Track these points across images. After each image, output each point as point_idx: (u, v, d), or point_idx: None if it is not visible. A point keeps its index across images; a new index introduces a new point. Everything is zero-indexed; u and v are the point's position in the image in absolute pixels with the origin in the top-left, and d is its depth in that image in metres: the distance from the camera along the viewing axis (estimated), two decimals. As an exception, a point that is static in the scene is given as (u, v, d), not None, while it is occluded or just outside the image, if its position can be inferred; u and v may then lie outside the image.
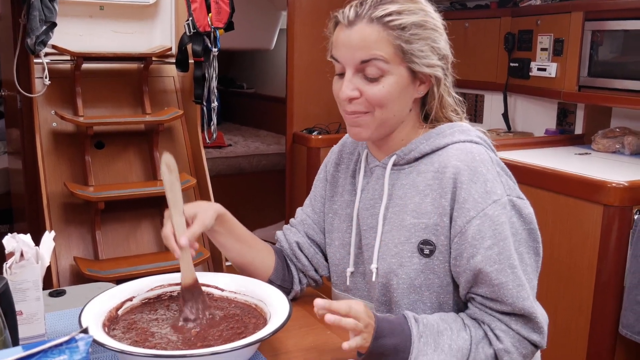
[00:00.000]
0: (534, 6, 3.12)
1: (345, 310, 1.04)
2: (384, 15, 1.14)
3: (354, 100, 1.18)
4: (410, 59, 1.16)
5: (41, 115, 2.99)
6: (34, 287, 1.10)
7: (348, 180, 1.36)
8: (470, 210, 1.12)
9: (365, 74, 1.16)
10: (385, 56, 1.15)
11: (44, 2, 2.68)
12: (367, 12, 1.15)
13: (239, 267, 1.38)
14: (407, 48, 1.15)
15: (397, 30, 1.14)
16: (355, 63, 1.16)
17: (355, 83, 1.17)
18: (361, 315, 1.05)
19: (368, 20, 1.15)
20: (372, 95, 1.16)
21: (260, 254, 1.37)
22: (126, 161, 3.16)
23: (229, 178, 4.57)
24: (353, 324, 1.04)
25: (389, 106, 1.17)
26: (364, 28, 1.15)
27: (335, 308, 1.04)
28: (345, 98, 1.18)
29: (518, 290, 1.11)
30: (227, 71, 6.14)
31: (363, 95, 1.17)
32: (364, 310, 1.07)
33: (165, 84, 3.36)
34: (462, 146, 1.18)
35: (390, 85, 1.16)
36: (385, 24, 1.14)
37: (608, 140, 2.74)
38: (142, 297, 1.25)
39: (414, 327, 1.11)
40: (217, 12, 3.04)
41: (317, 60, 3.72)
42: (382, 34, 1.14)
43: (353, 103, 1.18)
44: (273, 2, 5.02)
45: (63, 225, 2.92)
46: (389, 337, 1.09)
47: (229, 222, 1.32)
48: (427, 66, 1.17)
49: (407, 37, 1.15)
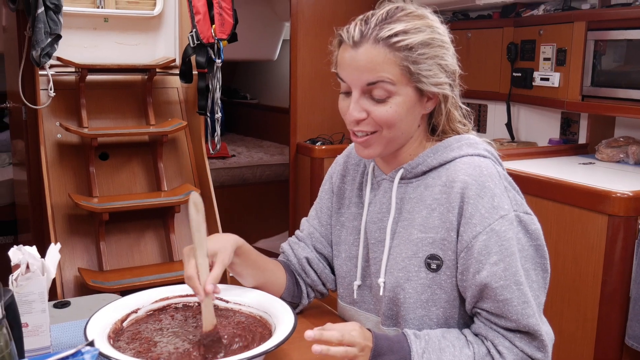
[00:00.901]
0: (536, 16, 3.13)
1: (338, 338, 1.04)
2: (390, 35, 1.12)
3: (361, 122, 1.17)
4: (418, 79, 1.15)
5: (46, 126, 3.00)
6: (39, 299, 1.10)
7: (355, 192, 1.35)
8: (477, 225, 1.12)
9: (372, 95, 1.15)
10: (392, 78, 1.13)
11: (49, 15, 2.69)
12: (372, 32, 1.13)
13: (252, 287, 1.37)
14: (414, 69, 1.13)
15: (404, 52, 1.12)
16: (362, 85, 1.15)
17: (362, 104, 1.16)
18: (356, 340, 1.05)
19: (374, 41, 1.13)
20: (379, 117, 1.15)
21: (273, 276, 1.36)
22: (130, 172, 3.17)
23: (232, 189, 4.57)
24: (343, 352, 1.04)
25: (397, 126, 1.17)
26: (369, 50, 1.13)
27: (327, 338, 1.04)
28: (353, 120, 1.17)
29: (523, 307, 1.10)
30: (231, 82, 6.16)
31: (370, 116, 1.16)
32: (359, 334, 1.07)
33: (169, 95, 3.37)
34: (470, 160, 1.18)
35: (397, 105, 1.15)
36: (391, 45, 1.12)
37: (612, 149, 2.74)
38: (147, 308, 1.25)
39: (413, 344, 1.10)
40: (220, 24, 3.05)
41: (320, 70, 3.73)
42: (389, 56, 1.12)
43: (361, 124, 1.17)
44: (276, 13, 5.04)
45: (67, 236, 2.92)
46: (388, 354, 1.08)
47: (245, 253, 1.30)
48: (435, 85, 1.16)
49: (414, 58, 1.13)
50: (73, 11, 3.06)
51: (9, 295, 1.00)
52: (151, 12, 3.29)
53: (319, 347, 1.03)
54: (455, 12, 3.68)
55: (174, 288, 1.31)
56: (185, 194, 3.01)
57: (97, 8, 3.17)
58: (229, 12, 3.08)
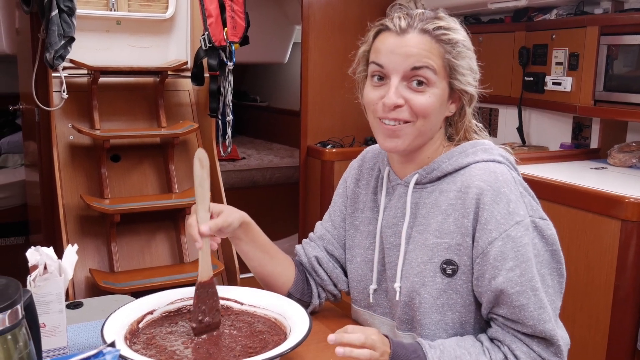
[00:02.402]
0: (548, 20, 3.12)
1: (361, 341, 1.04)
2: (435, 28, 1.16)
3: (397, 108, 1.18)
4: (454, 76, 1.18)
5: (58, 128, 3.02)
6: (57, 299, 1.11)
7: (369, 196, 1.36)
8: (492, 231, 1.12)
9: (410, 83, 1.17)
10: (436, 67, 1.16)
11: (62, 17, 2.71)
12: (418, 24, 1.17)
13: (259, 276, 1.39)
14: (454, 64, 1.17)
15: (448, 45, 1.17)
16: (406, 69, 1.16)
17: (401, 91, 1.17)
18: (377, 344, 1.06)
19: (420, 30, 1.17)
20: (418, 105, 1.17)
21: (281, 266, 1.37)
22: (142, 174, 3.18)
23: (242, 191, 4.58)
24: (368, 355, 1.04)
25: (431, 118, 1.18)
26: (416, 36, 1.16)
27: (348, 340, 1.04)
28: (391, 104, 1.17)
29: (539, 312, 1.10)
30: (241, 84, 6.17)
31: (408, 104, 1.17)
32: (379, 338, 1.07)
33: (181, 97, 3.38)
34: (485, 166, 1.18)
35: (435, 95, 1.17)
36: (436, 37, 1.16)
37: (624, 154, 2.73)
38: (162, 310, 1.26)
39: (429, 352, 1.11)
40: (232, 27, 3.06)
41: (331, 73, 3.73)
42: (434, 45, 1.16)
43: (396, 111, 1.18)
44: (287, 16, 5.05)
45: (79, 237, 2.94)
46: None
47: (253, 231, 1.33)
48: (467, 84, 1.19)
49: (455, 53, 1.17)
50: (86, 14, 3.07)
51: (27, 295, 1.00)
52: (163, 14, 3.30)
53: (342, 349, 1.03)
54: (467, 16, 3.67)
55: (189, 290, 1.32)
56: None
57: (109, 11, 3.19)
58: (241, 15, 3.09)
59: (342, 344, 1.04)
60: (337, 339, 1.04)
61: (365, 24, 1.28)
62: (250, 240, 1.33)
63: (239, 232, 1.29)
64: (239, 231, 1.29)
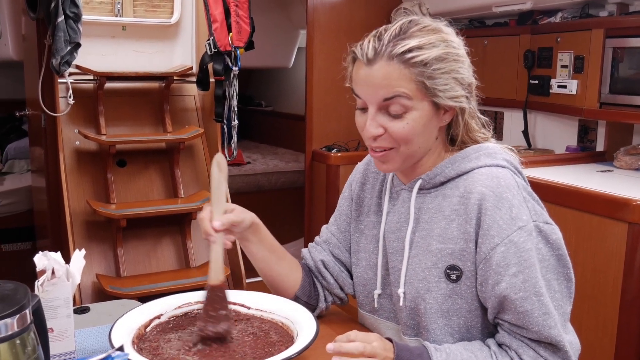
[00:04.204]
0: (553, 23, 3.12)
1: (360, 350, 1.04)
2: (404, 52, 1.11)
3: (378, 138, 1.17)
4: (434, 94, 1.14)
5: (65, 133, 3.03)
6: (64, 304, 1.11)
7: (374, 200, 1.36)
8: (494, 237, 1.11)
9: (388, 110, 1.15)
10: (408, 92, 1.13)
11: (69, 23, 2.72)
12: (385, 49, 1.13)
13: (267, 278, 1.38)
14: (429, 84, 1.13)
15: (419, 67, 1.12)
16: (378, 101, 1.15)
17: (379, 120, 1.16)
18: (377, 351, 1.05)
19: (388, 58, 1.12)
20: (396, 132, 1.15)
21: (289, 268, 1.37)
22: (147, 179, 3.19)
23: (248, 195, 4.58)
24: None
25: (414, 141, 1.17)
26: (384, 66, 1.12)
27: (347, 350, 1.03)
28: (370, 137, 1.17)
29: (544, 318, 1.09)
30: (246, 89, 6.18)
31: (387, 132, 1.16)
32: (380, 345, 1.07)
33: (186, 102, 3.39)
34: (488, 171, 1.17)
35: (414, 120, 1.15)
36: (405, 61, 1.12)
37: (630, 157, 2.72)
38: (169, 314, 1.26)
39: (434, 355, 1.10)
40: (237, 32, 3.07)
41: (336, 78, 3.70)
42: (404, 72, 1.12)
43: (378, 140, 1.17)
44: (292, 21, 5.06)
45: (85, 242, 2.94)
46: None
47: (262, 233, 1.33)
48: (451, 98, 1.15)
49: (430, 73, 1.12)
50: (92, 20, 3.09)
51: (35, 300, 1.01)
52: (169, 20, 3.32)
53: (338, 358, 1.03)
54: (471, 20, 3.67)
55: (195, 294, 1.32)
56: (202, 200, 3.02)
57: (115, 16, 3.20)
58: (246, 20, 3.10)
59: (340, 353, 1.04)
60: (335, 349, 1.04)
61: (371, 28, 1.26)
62: (258, 242, 1.33)
63: (247, 233, 1.29)
64: (248, 232, 1.29)
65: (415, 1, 3.70)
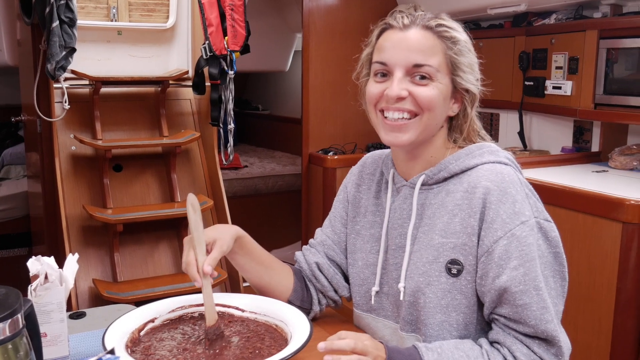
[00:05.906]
0: (548, 25, 3.13)
1: (351, 347, 1.04)
2: (438, 24, 1.19)
3: (401, 100, 1.19)
4: (456, 72, 1.20)
5: (60, 139, 3.03)
6: (58, 309, 1.11)
7: (371, 200, 1.36)
8: (497, 230, 1.13)
9: (413, 77, 1.19)
10: (437, 64, 1.18)
11: (63, 28, 2.72)
12: (421, 20, 1.20)
13: (258, 288, 1.39)
14: (456, 60, 1.19)
15: (449, 42, 1.19)
16: (408, 65, 1.18)
17: (404, 84, 1.19)
18: (369, 349, 1.05)
19: (423, 27, 1.19)
20: (422, 97, 1.18)
21: (279, 275, 1.38)
22: (144, 183, 3.19)
23: (245, 199, 4.59)
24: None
25: (436, 110, 1.20)
26: (419, 32, 1.19)
27: (338, 347, 1.04)
28: (394, 95, 1.19)
29: (542, 312, 1.11)
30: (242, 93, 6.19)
31: (412, 95, 1.19)
32: (372, 344, 1.07)
33: (182, 106, 3.39)
34: (492, 167, 1.19)
35: (438, 89, 1.19)
36: (439, 33, 1.19)
37: (625, 157, 2.73)
38: (163, 318, 1.26)
39: (425, 355, 1.10)
40: (233, 36, 3.07)
41: (332, 81, 3.74)
42: (436, 42, 1.19)
43: (401, 102, 1.19)
44: (288, 25, 5.07)
45: (82, 247, 2.94)
46: None
47: (247, 245, 1.34)
48: (469, 82, 1.21)
49: (457, 50, 1.19)
50: (87, 24, 3.09)
51: (28, 305, 1.01)
52: (164, 24, 3.32)
53: (330, 357, 1.03)
54: (466, 22, 3.68)
55: (190, 297, 1.32)
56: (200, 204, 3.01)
57: (110, 21, 3.20)
58: (241, 23, 3.10)
59: (332, 351, 1.04)
60: (327, 347, 1.04)
61: (366, 31, 1.30)
62: (245, 254, 1.34)
63: (234, 246, 1.30)
64: (234, 246, 1.30)
65: (411, 4, 3.71)
